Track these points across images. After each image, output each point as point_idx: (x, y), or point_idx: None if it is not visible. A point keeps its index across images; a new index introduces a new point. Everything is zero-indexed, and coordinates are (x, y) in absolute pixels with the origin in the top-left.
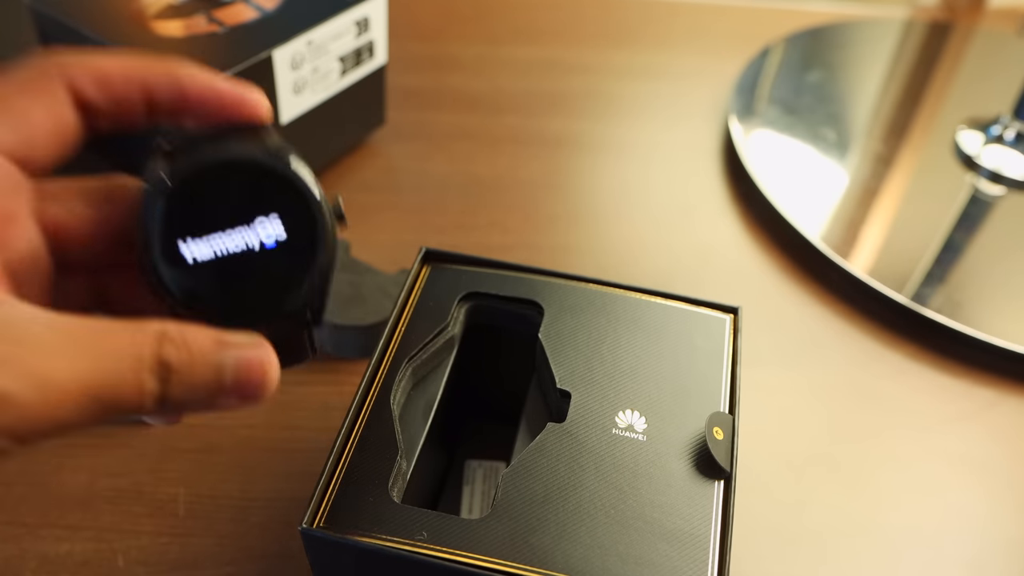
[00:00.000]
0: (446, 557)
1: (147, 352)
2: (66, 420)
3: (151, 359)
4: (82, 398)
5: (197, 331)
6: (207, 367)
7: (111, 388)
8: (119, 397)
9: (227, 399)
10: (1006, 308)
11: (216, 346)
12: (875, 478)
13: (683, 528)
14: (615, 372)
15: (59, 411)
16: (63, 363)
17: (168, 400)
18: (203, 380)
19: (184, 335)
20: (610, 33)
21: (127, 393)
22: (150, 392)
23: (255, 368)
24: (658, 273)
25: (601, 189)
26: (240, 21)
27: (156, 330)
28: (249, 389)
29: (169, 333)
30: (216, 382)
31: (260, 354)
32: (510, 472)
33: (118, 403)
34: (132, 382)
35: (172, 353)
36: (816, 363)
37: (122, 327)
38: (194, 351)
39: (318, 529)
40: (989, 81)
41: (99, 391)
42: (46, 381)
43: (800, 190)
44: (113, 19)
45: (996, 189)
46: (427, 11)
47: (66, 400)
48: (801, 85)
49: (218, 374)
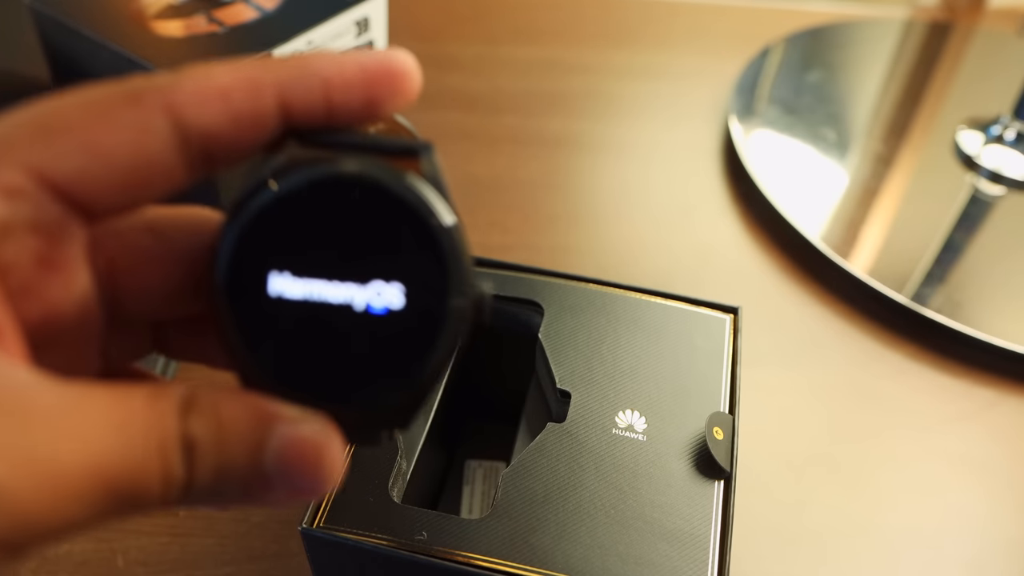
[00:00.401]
0: (446, 557)
1: (170, 425)
2: (71, 520)
3: (176, 434)
4: (93, 490)
5: (232, 398)
6: (241, 445)
7: (129, 474)
8: (138, 486)
9: (271, 491)
10: (1006, 308)
11: (256, 420)
12: (875, 478)
13: (683, 528)
14: (615, 372)
15: (64, 509)
16: (69, 444)
17: (195, 489)
18: (236, 463)
19: (215, 403)
20: (610, 33)
21: (148, 482)
22: (176, 478)
23: (308, 450)
24: (658, 273)
25: (601, 189)
26: (240, 21)
27: (180, 396)
28: (299, 479)
29: (197, 400)
30: (252, 467)
31: (316, 433)
32: (510, 472)
33: (137, 495)
34: (156, 466)
35: (197, 426)
36: (816, 363)
37: (140, 393)
38: (226, 423)
39: (318, 529)
40: (989, 81)
41: (114, 480)
42: (48, 468)
43: (800, 190)
44: (113, 19)
45: (996, 189)
46: (426, 11)
47: (73, 494)
48: (801, 85)
49: (255, 455)
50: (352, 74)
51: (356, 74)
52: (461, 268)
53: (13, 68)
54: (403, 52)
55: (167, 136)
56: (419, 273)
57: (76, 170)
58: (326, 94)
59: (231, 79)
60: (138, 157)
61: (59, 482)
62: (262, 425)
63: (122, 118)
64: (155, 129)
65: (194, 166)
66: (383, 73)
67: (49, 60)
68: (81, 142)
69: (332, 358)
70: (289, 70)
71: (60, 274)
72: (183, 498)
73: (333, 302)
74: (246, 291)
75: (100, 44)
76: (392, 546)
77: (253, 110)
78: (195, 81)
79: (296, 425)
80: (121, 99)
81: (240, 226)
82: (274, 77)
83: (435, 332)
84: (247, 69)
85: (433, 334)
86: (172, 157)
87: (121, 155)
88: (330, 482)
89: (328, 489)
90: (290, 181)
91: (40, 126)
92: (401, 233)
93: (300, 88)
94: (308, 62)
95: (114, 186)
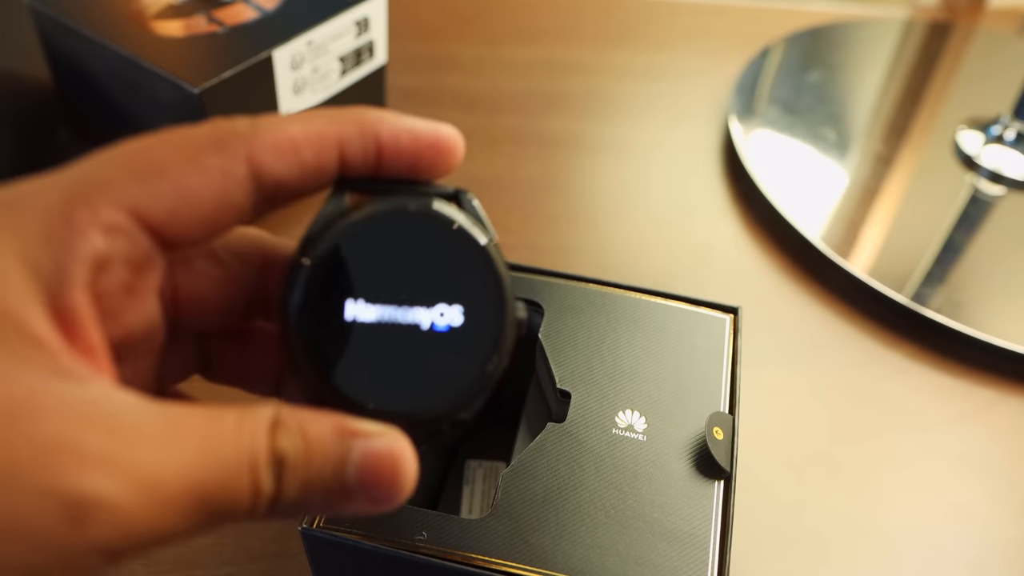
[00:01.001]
0: (446, 557)
1: (261, 444)
2: (168, 531)
3: (266, 451)
4: (190, 503)
5: (315, 417)
6: (327, 460)
7: (222, 489)
8: (230, 500)
9: (352, 502)
10: (1006, 308)
11: (338, 435)
12: (875, 478)
13: (683, 528)
14: (615, 372)
15: (163, 520)
16: (170, 460)
17: (282, 503)
18: (321, 476)
19: (300, 421)
20: (610, 33)
21: (240, 494)
22: (266, 492)
23: (386, 463)
24: (658, 273)
25: (601, 189)
26: (240, 21)
27: (269, 416)
28: (378, 489)
29: (284, 418)
30: (336, 480)
31: (393, 446)
32: (510, 472)
33: (228, 508)
34: (247, 481)
35: (287, 443)
36: (816, 363)
37: (231, 413)
38: (312, 440)
39: (318, 529)
40: (989, 81)
41: (209, 493)
42: (151, 480)
43: (800, 190)
44: (113, 19)
45: (996, 189)
46: (426, 11)
47: (171, 506)
48: (801, 85)
49: (339, 469)
50: (405, 142)
51: (408, 142)
52: (504, 290)
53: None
54: (452, 128)
55: (245, 181)
56: (475, 293)
57: (168, 210)
58: (379, 154)
59: (303, 133)
60: (221, 200)
61: (160, 495)
62: (344, 440)
63: (210, 163)
64: (237, 175)
65: (259, 207)
66: (431, 146)
67: (49, 60)
68: (173, 184)
69: (401, 374)
70: (351, 128)
71: (139, 301)
72: (270, 511)
73: (401, 323)
74: (320, 318)
75: (100, 44)
76: (392, 546)
77: (318, 163)
78: (273, 134)
79: (375, 439)
80: (209, 145)
81: (316, 256)
82: (337, 134)
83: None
84: (316, 124)
85: (491, 344)
86: (246, 199)
87: (207, 197)
88: (406, 492)
89: (404, 499)
90: (360, 216)
91: (137, 168)
92: (459, 260)
93: (358, 146)
94: (369, 123)
95: (196, 224)
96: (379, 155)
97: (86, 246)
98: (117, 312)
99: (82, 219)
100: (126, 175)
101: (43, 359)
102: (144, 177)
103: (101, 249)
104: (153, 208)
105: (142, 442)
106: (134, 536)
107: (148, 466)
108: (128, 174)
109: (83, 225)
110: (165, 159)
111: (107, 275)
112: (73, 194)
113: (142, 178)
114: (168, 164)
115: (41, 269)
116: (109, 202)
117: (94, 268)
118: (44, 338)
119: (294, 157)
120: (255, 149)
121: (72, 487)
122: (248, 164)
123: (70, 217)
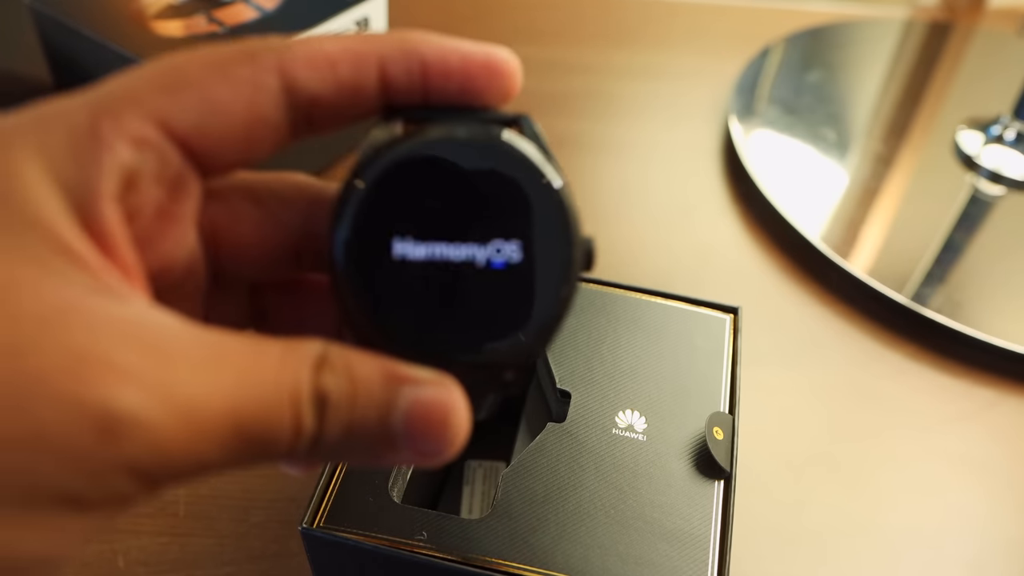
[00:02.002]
0: (446, 557)
1: (305, 378)
2: (204, 458)
3: (310, 388)
4: (227, 431)
5: (365, 358)
6: (372, 405)
7: (261, 420)
8: (269, 433)
9: (397, 452)
10: (1006, 308)
11: (387, 379)
12: (875, 478)
13: (683, 528)
14: (615, 372)
15: (197, 446)
16: (207, 384)
17: (324, 443)
18: (365, 421)
19: (348, 360)
20: (610, 33)
21: (280, 429)
22: (307, 430)
23: (435, 413)
24: (658, 273)
25: (601, 189)
26: (240, 21)
27: (315, 352)
28: (425, 440)
29: (331, 357)
30: (381, 426)
31: (443, 395)
32: (510, 472)
33: (267, 441)
34: (288, 415)
35: (331, 382)
36: (816, 363)
37: (276, 346)
38: (358, 382)
39: (318, 529)
40: (989, 81)
41: (247, 423)
42: (187, 402)
43: (800, 190)
44: (113, 19)
45: (996, 189)
46: (426, 11)
47: (207, 432)
48: (801, 85)
49: (385, 416)
50: (454, 62)
51: (457, 62)
52: (573, 220)
53: (13, 68)
54: (507, 51)
55: (277, 95)
56: (535, 228)
57: (196, 122)
58: (425, 75)
59: (339, 49)
60: (252, 112)
61: (195, 419)
62: (392, 385)
63: (239, 74)
64: (268, 87)
65: (297, 128)
66: (483, 66)
67: (49, 60)
68: (201, 95)
69: (456, 316)
70: (392, 48)
71: (175, 228)
72: (311, 451)
73: (455, 260)
74: (368, 255)
75: (100, 44)
76: (392, 546)
77: (356, 80)
78: (306, 47)
79: (425, 387)
80: (238, 57)
81: (363, 191)
82: (377, 53)
83: (556, 281)
84: (354, 42)
85: (554, 283)
86: (280, 115)
87: (237, 109)
88: (455, 446)
89: (453, 453)
90: (408, 147)
91: (164, 80)
92: (517, 192)
93: (401, 66)
94: (412, 42)
95: (228, 140)
96: (425, 76)
97: (113, 158)
98: (153, 238)
99: (108, 131)
100: (153, 87)
101: (78, 274)
102: (171, 89)
103: (129, 161)
104: (182, 119)
105: (180, 363)
106: (168, 459)
107: (185, 387)
108: (155, 87)
109: (110, 137)
110: (193, 71)
111: (138, 192)
112: (99, 108)
113: (169, 90)
114: (196, 76)
115: (69, 181)
116: (136, 114)
117: (124, 182)
118: (79, 252)
119: (329, 71)
120: (287, 61)
121: (105, 400)
122: (280, 76)
123: (96, 129)
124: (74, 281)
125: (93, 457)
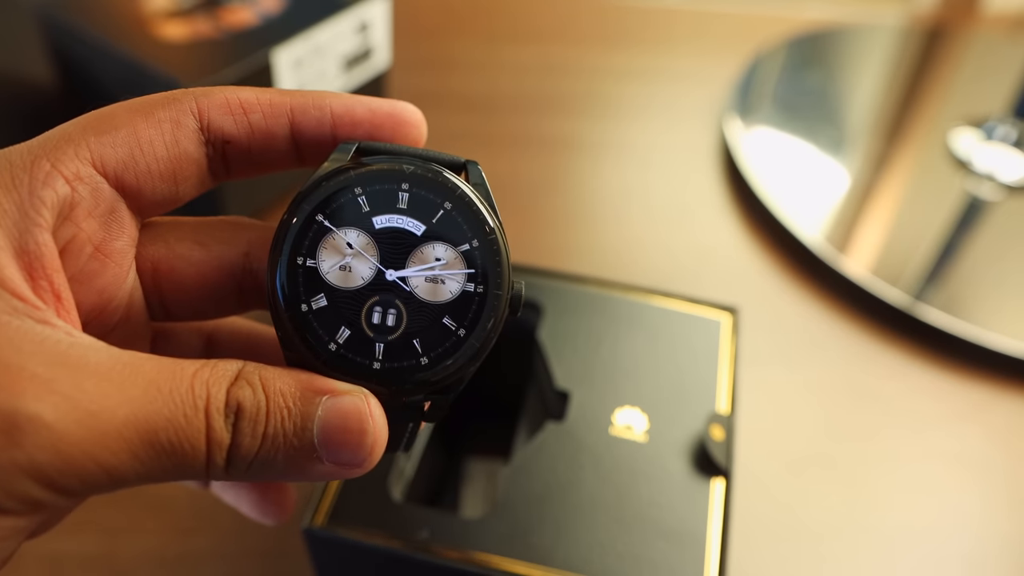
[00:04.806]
0: (446, 556)
1: (218, 391)
2: (116, 467)
3: (222, 399)
4: (136, 441)
5: (282, 372)
6: (288, 417)
7: (171, 432)
8: (182, 443)
9: (318, 463)
10: (1003, 308)
11: (302, 391)
12: (873, 477)
13: (682, 527)
14: (614, 372)
15: (104, 451)
16: (115, 393)
17: (240, 454)
18: (283, 432)
19: (264, 375)
20: (609, 35)
21: (192, 439)
22: (220, 440)
23: (351, 420)
24: (657, 273)
25: (600, 190)
26: (242, 24)
27: (232, 368)
28: (343, 448)
29: (246, 372)
30: (299, 437)
31: (359, 404)
32: (510, 471)
33: (181, 452)
34: (196, 424)
35: (245, 394)
36: (814, 363)
37: (194, 364)
38: (272, 393)
39: (320, 528)
40: (984, 84)
41: (157, 434)
42: (92, 410)
43: (798, 191)
44: (116, 21)
45: (991, 190)
46: (426, 12)
47: (115, 442)
48: (798, 88)
49: (303, 427)
50: (360, 114)
51: (364, 115)
52: (503, 264)
53: (14, 69)
54: (410, 104)
55: (195, 132)
56: (467, 266)
57: (125, 158)
58: (334, 124)
59: (252, 98)
60: (174, 149)
61: (98, 426)
62: (310, 396)
63: (161, 115)
64: (186, 125)
65: (215, 168)
66: (389, 119)
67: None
68: (129, 134)
69: (383, 342)
70: (304, 100)
71: (112, 265)
72: (230, 464)
73: (387, 289)
74: (302, 284)
75: (107, 50)
76: (393, 545)
77: (267, 127)
78: (223, 94)
79: (342, 397)
80: (161, 102)
81: (298, 223)
82: (289, 104)
83: (483, 318)
84: (269, 94)
85: (481, 320)
86: (200, 152)
87: (160, 145)
88: (374, 454)
89: (371, 463)
90: (346, 179)
91: (95, 124)
92: (453, 229)
93: (312, 116)
94: (323, 96)
95: (156, 174)
96: (334, 125)
97: (47, 191)
98: (91, 275)
99: (44, 168)
100: (86, 130)
101: (3, 295)
102: (102, 130)
103: (63, 194)
104: (112, 156)
105: (88, 374)
106: (70, 463)
107: (92, 396)
108: (87, 129)
109: (44, 173)
110: (121, 115)
111: (73, 224)
112: (38, 149)
113: (100, 131)
114: (123, 118)
115: (5, 213)
116: (70, 153)
117: (58, 214)
118: (8, 277)
119: (242, 116)
120: (204, 104)
121: (13, 403)
122: (197, 117)
123: (34, 167)
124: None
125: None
